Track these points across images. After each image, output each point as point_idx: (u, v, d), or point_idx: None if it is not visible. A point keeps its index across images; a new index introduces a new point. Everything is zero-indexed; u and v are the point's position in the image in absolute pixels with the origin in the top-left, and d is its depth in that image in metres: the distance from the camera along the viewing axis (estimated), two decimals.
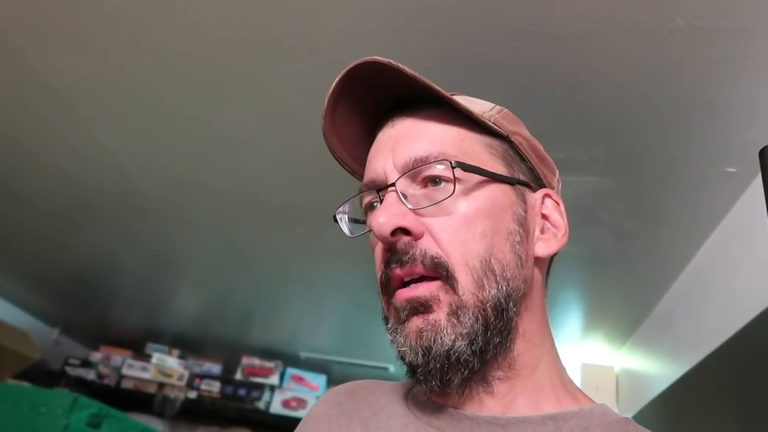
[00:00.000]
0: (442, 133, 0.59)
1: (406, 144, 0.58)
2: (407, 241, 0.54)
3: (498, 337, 0.54)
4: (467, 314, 0.53)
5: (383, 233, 0.53)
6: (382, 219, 0.53)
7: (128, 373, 3.31)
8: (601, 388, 2.57)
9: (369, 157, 0.62)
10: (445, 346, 0.52)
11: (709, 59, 1.12)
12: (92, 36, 1.34)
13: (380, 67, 0.56)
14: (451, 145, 0.57)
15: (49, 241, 2.51)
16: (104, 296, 3.08)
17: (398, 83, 0.58)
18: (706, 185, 1.47)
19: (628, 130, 1.35)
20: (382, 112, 0.64)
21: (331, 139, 0.64)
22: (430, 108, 0.60)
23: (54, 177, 1.98)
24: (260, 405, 3.22)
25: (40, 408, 2.55)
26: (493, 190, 0.57)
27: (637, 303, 2.14)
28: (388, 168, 0.58)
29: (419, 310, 0.53)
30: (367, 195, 0.61)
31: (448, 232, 0.54)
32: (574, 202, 0.64)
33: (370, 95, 0.61)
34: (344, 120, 0.63)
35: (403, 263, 0.54)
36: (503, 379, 0.55)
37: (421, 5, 1.12)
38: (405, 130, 0.60)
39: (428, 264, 0.53)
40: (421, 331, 0.53)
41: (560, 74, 1.22)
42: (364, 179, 0.62)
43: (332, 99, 0.60)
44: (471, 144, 0.59)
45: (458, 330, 0.52)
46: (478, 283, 0.53)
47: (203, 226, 2.16)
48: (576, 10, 1.07)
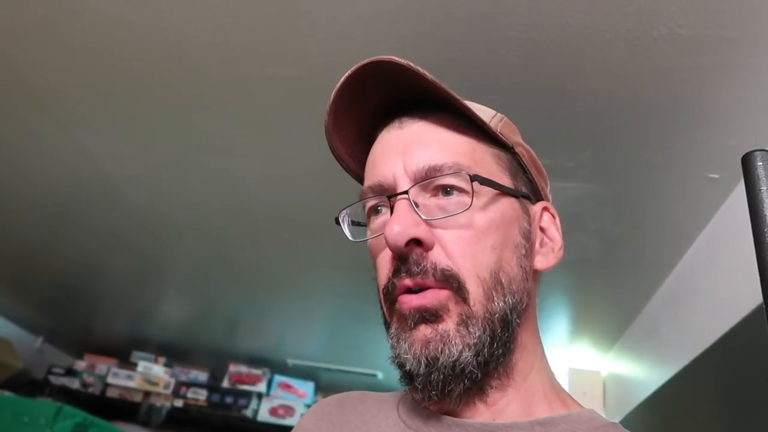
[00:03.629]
0: (455, 141, 0.58)
1: (417, 150, 0.57)
2: (419, 253, 0.53)
3: (501, 349, 0.54)
4: (476, 325, 0.52)
5: (398, 244, 0.52)
6: (396, 228, 0.52)
7: (113, 382, 3.28)
8: (588, 393, 2.58)
9: (373, 157, 0.61)
10: (452, 356, 0.51)
11: (692, 67, 1.14)
12: (77, 42, 1.33)
13: (394, 66, 0.55)
14: (463, 155, 0.57)
15: (32, 248, 2.48)
16: (89, 304, 3.05)
17: (407, 84, 0.57)
18: (690, 191, 1.49)
19: (613, 137, 1.36)
20: (382, 111, 0.62)
21: (332, 135, 0.61)
22: (438, 112, 0.59)
23: (38, 184, 1.96)
24: (247, 413, 3.19)
25: (23, 418, 2.52)
26: (503, 203, 0.57)
27: (623, 308, 2.16)
28: (398, 173, 0.56)
29: (428, 319, 0.52)
30: (372, 199, 0.59)
31: (460, 245, 0.54)
32: (560, 208, 0.64)
33: (374, 93, 0.60)
34: (347, 117, 0.61)
35: (414, 274, 0.53)
36: (498, 388, 0.55)
37: (408, 12, 1.12)
38: (416, 134, 0.58)
39: (439, 276, 0.53)
40: (429, 341, 0.52)
41: (546, 81, 1.23)
42: (368, 181, 0.60)
43: (338, 95, 0.58)
44: (481, 154, 0.58)
45: (466, 340, 0.52)
46: (487, 295, 0.53)
47: (189, 233, 2.15)
48: (561, 17, 1.08)
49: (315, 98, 1.39)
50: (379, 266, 0.58)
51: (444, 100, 0.57)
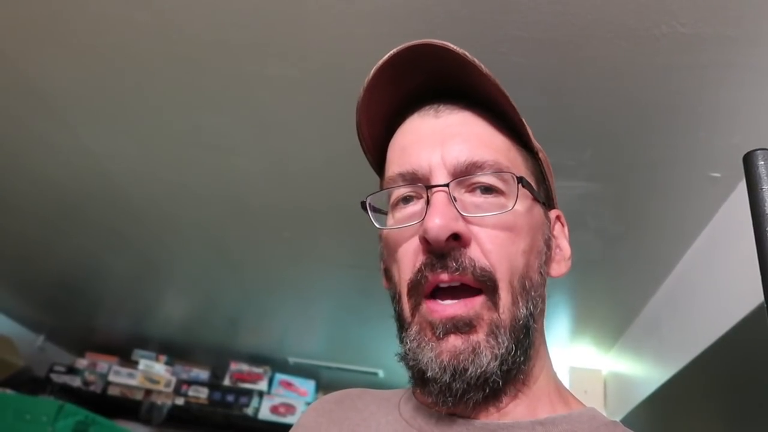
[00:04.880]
0: (493, 139, 0.57)
1: (457, 143, 0.55)
2: (457, 248, 0.52)
3: (523, 356, 0.53)
4: (504, 334, 0.51)
5: (441, 237, 0.50)
6: (438, 221, 0.50)
7: (115, 380, 3.28)
8: (589, 392, 2.58)
9: (404, 143, 0.58)
10: (482, 368, 0.50)
11: (694, 65, 1.14)
12: (79, 41, 1.33)
13: (446, 53, 0.53)
14: (502, 154, 0.56)
15: (34, 246, 2.48)
16: (90, 302, 3.05)
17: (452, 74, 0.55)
18: (691, 190, 1.49)
19: (614, 135, 1.36)
20: (415, 96, 0.60)
21: (362, 113, 0.59)
22: (474, 106, 0.58)
23: (40, 182, 1.96)
24: (248, 411, 3.20)
25: (25, 416, 2.52)
26: (533, 208, 0.57)
27: (624, 306, 2.16)
28: (434, 163, 0.54)
29: (461, 330, 0.51)
30: (404, 186, 0.56)
31: (496, 244, 0.53)
32: (561, 207, 0.64)
33: (414, 77, 0.58)
34: (380, 96, 0.59)
35: (451, 270, 0.51)
36: (512, 393, 0.55)
37: (409, 11, 1.12)
38: (454, 125, 0.56)
39: (478, 275, 0.51)
40: (459, 353, 0.50)
41: (547, 79, 1.23)
42: (398, 168, 0.57)
43: (378, 73, 0.56)
44: (515, 156, 0.58)
45: (495, 351, 0.51)
46: (514, 301, 0.53)
47: (191, 231, 2.15)
48: (563, 16, 1.08)
49: (316, 96, 1.40)
50: (401, 258, 0.56)
51: (489, 95, 0.56)
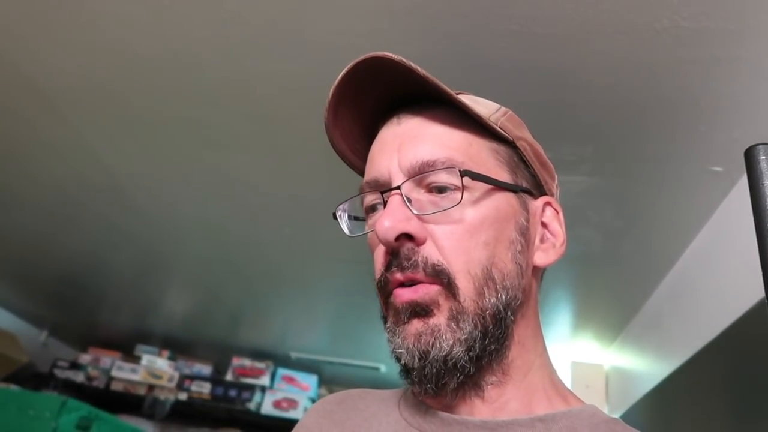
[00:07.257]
0: (450, 136, 0.58)
1: (412, 145, 0.57)
2: (410, 247, 0.54)
3: (494, 345, 0.54)
4: (467, 321, 0.53)
5: (388, 238, 0.53)
6: (387, 223, 0.53)
7: (117, 375, 3.29)
8: (590, 387, 2.58)
9: (372, 153, 0.61)
10: (443, 351, 0.52)
11: (695, 60, 1.14)
12: (78, 38, 1.33)
13: (389, 63, 0.55)
14: (458, 150, 0.57)
15: (37, 242, 2.49)
16: (93, 297, 3.06)
17: (405, 80, 0.57)
18: (692, 184, 1.48)
19: (615, 130, 1.36)
20: (384, 107, 0.62)
21: (333, 131, 0.62)
22: (436, 107, 0.59)
23: (42, 179, 1.96)
24: (251, 406, 3.21)
25: (29, 411, 2.53)
26: (498, 199, 0.57)
27: (625, 301, 2.16)
28: (392, 169, 0.57)
29: (420, 314, 0.53)
30: (369, 195, 0.60)
31: (452, 240, 0.54)
32: (562, 202, 0.64)
33: (374, 89, 0.60)
34: (347, 113, 0.61)
35: (404, 268, 0.54)
36: (496, 384, 0.56)
37: (409, 6, 1.12)
38: (412, 129, 0.58)
39: (429, 271, 0.53)
40: (420, 335, 0.53)
41: (547, 74, 1.23)
42: (366, 177, 0.60)
43: (336, 91, 0.59)
44: (478, 149, 0.58)
45: (457, 335, 0.52)
46: (478, 291, 0.54)
47: (192, 228, 2.15)
48: (563, 11, 1.08)
49: (316, 92, 1.39)
50: (375, 260, 0.59)
51: (439, 96, 0.57)
